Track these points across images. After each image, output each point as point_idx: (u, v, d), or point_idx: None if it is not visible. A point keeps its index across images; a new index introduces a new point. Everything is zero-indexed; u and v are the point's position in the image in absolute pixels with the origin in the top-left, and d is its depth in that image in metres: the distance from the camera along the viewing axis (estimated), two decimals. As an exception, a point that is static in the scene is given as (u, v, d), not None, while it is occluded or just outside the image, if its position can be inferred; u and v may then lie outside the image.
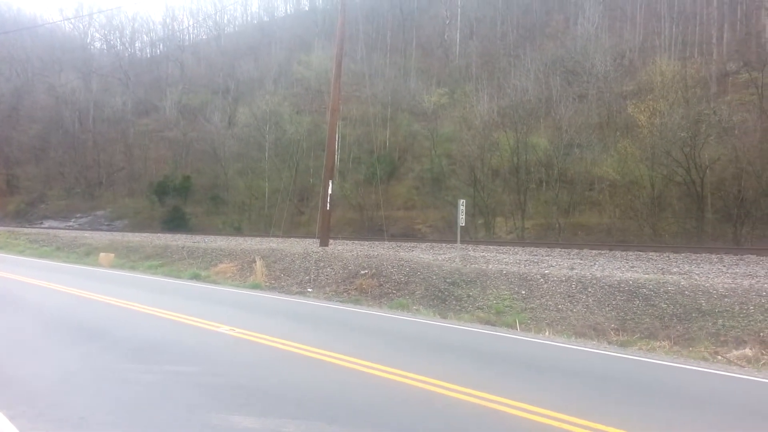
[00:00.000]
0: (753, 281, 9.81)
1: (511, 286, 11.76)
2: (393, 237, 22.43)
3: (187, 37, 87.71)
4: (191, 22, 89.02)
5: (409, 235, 34.15)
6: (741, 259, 12.39)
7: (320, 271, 15.22)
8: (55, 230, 35.13)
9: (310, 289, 14.33)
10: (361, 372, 6.28)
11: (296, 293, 14.21)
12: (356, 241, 21.60)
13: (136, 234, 28.41)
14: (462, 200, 16.22)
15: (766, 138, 25.77)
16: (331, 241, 19.42)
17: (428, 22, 61.36)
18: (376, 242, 20.89)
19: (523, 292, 11.45)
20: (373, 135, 45.99)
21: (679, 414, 5.27)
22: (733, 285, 9.58)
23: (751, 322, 8.60)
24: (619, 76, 38.48)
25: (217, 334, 8.30)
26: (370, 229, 36.99)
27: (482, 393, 5.45)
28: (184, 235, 25.77)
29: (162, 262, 20.17)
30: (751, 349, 7.99)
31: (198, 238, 24.80)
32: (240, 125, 51.65)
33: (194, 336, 8.25)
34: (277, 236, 26.46)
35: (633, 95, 34.34)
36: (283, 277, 15.68)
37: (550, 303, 10.84)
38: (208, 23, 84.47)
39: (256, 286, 14.96)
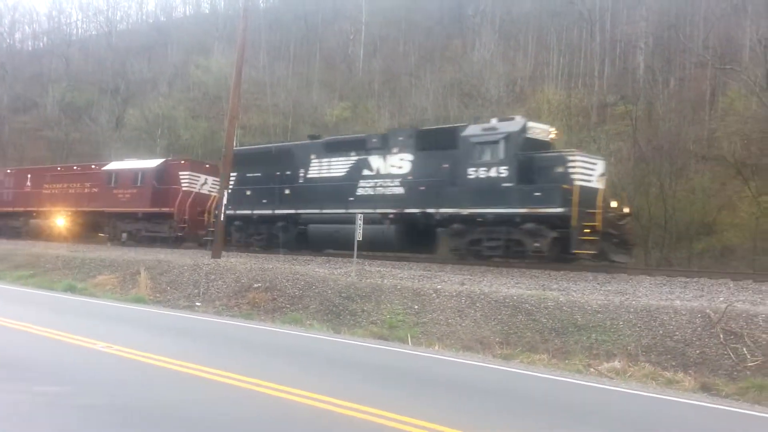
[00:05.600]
0: (623, 298, 10.61)
1: (405, 300, 11.94)
2: (290, 250, 22.08)
3: (74, 32, 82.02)
4: (80, 17, 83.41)
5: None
6: (613, 278, 13.38)
7: (210, 284, 14.66)
8: None
9: (198, 303, 13.74)
10: (249, 390, 6.08)
11: (183, 307, 13.58)
12: (251, 254, 21.04)
13: (9, 241, 25.82)
14: (360, 214, 16.29)
15: (638, 166, 28.20)
16: (224, 252, 18.78)
17: (333, 36, 61.61)
18: (272, 255, 20.46)
19: (416, 306, 11.67)
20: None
21: (551, 424, 5.57)
22: (605, 301, 10.31)
23: (620, 337, 9.29)
24: (512, 102, 40.64)
25: (94, 352, 7.73)
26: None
27: (369, 408, 5.45)
28: (62, 244, 23.85)
29: (33, 272, 18.53)
30: (619, 361, 8.63)
31: (77, 247, 23.04)
32: (129, 127, 48.91)
33: (67, 353, 7.63)
34: (166, 247, 25.19)
35: (523, 120, 36.32)
36: (170, 290, 14.94)
37: (441, 318, 11.12)
38: (99, 19, 79.54)
39: (139, 300, 14.12)
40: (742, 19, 31.24)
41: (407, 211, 16.82)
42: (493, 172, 15.34)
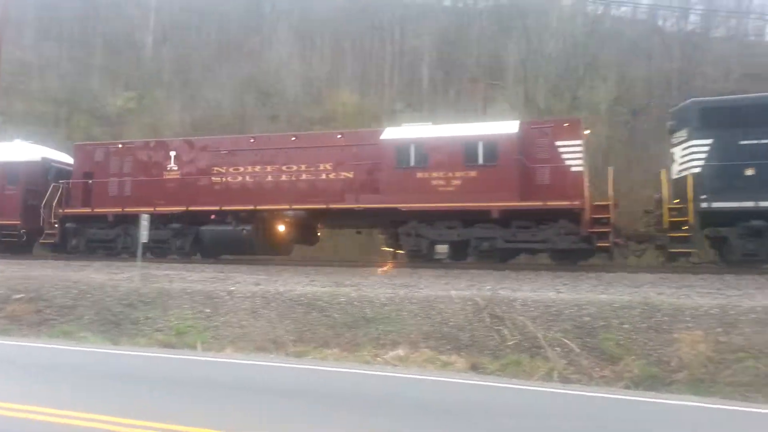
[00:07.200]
0: (407, 290, 11.38)
1: (195, 304, 11.40)
2: (64, 255, 19.58)
3: None
4: None
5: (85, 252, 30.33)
6: (399, 272, 14.34)
7: (-44, 296, 12.42)
8: None
9: (-61, 320, 11.54)
10: (7, 417, 5.27)
11: None
12: (13, 261, 18.27)
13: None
14: (145, 215, 15.08)
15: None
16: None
17: (116, 18, 56.40)
18: (41, 261, 18.04)
19: (208, 310, 11.21)
20: (42, 136, 39.89)
21: (335, 415, 5.77)
22: (392, 294, 10.97)
23: (404, 326, 9.97)
24: (308, 102, 41.23)
25: None
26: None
27: (153, 423, 5.12)
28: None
29: None
30: (402, 349, 9.27)
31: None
32: None
33: None
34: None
35: (320, 121, 37.13)
36: None
37: (233, 320, 10.84)
38: None
39: None
40: (508, 40, 35.63)
41: None
42: None
